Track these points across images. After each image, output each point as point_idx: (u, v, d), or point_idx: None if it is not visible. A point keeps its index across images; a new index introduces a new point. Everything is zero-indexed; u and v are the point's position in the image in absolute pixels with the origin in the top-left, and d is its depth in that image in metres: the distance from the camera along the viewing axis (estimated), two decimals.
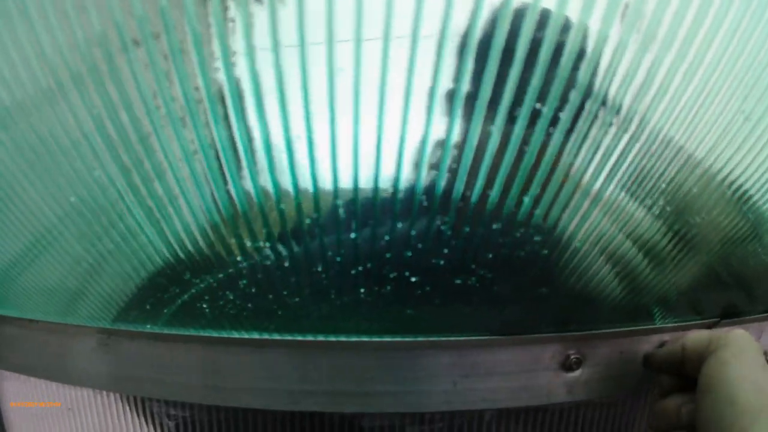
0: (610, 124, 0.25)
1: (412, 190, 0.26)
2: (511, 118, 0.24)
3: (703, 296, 0.34)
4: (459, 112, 0.24)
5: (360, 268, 0.28)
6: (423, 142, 0.24)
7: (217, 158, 0.25)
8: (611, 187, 0.27)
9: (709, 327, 0.34)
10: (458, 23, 0.22)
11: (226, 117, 0.24)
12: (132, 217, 0.27)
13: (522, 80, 0.23)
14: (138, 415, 0.36)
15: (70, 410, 0.38)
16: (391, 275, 0.28)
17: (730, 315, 0.34)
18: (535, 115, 0.24)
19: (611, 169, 0.27)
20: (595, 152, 0.26)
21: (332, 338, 0.31)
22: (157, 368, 0.32)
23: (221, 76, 0.23)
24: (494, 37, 0.22)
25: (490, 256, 0.28)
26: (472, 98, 0.23)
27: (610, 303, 0.31)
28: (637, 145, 0.26)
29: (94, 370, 0.34)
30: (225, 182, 0.26)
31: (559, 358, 0.31)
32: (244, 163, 0.25)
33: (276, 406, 0.32)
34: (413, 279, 0.28)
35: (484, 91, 0.23)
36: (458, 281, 0.29)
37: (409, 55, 0.22)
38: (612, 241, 0.29)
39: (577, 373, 0.31)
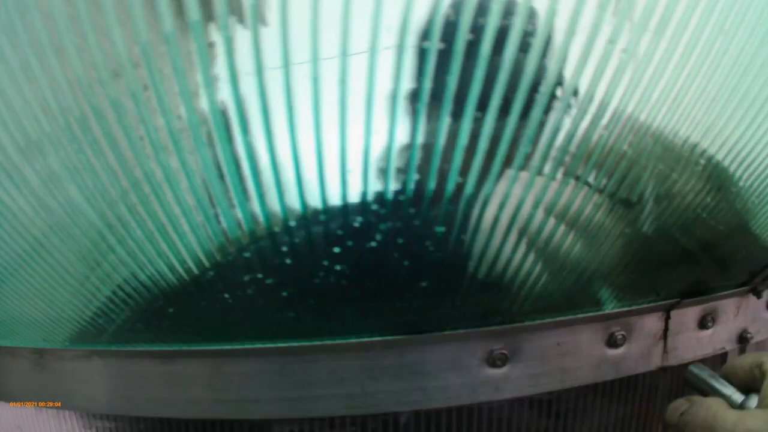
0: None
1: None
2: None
3: (662, 273, 0.29)
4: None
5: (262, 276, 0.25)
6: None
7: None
8: (539, 159, 0.23)
9: (667, 309, 0.29)
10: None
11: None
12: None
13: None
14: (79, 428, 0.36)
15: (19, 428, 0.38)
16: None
17: (695, 293, 0.29)
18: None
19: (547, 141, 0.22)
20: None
21: (238, 346, 0.28)
22: (78, 383, 0.31)
23: None
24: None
25: (401, 241, 0.25)
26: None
27: (539, 291, 0.26)
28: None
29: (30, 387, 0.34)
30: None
31: (482, 355, 0.27)
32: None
33: (186, 415, 0.30)
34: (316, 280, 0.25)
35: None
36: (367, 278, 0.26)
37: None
38: (535, 217, 0.24)
39: (504, 369, 0.27)
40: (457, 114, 0.21)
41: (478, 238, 0.24)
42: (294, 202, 0.23)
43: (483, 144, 0.22)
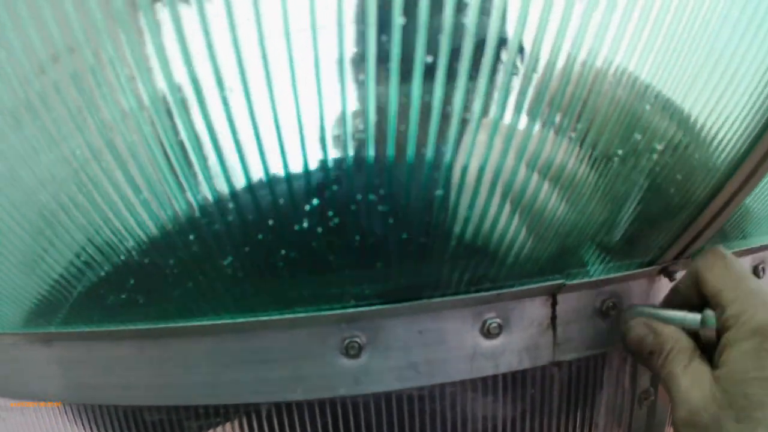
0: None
1: None
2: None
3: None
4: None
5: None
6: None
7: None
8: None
9: (552, 292, 0.25)
10: None
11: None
12: None
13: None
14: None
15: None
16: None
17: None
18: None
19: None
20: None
21: (95, 328, 0.27)
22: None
23: None
24: None
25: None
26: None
27: (400, 268, 0.24)
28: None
29: None
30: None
31: (335, 343, 0.25)
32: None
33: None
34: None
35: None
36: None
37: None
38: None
39: (361, 359, 0.25)
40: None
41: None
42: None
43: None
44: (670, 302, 0.27)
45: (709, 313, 0.24)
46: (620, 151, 0.23)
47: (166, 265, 0.25)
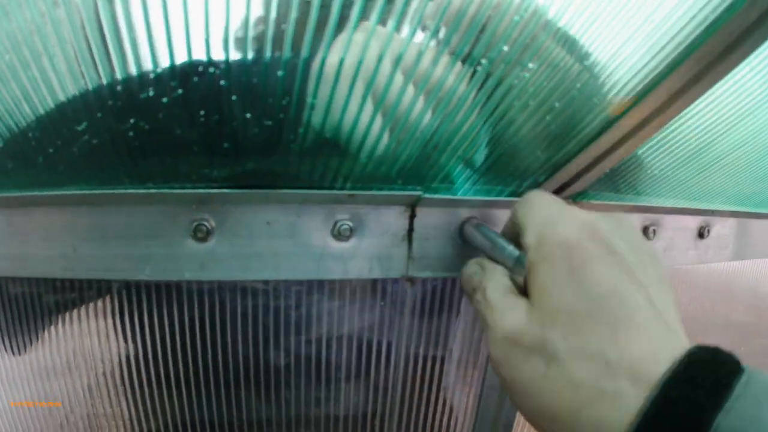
0: None
1: None
2: None
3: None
4: None
5: None
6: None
7: None
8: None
9: (411, 204, 0.25)
10: None
11: None
12: None
13: None
14: None
15: None
16: None
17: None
18: None
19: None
20: None
21: None
22: None
23: None
24: None
25: None
26: None
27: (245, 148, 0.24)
28: None
29: None
30: None
31: (186, 224, 0.25)
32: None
33: None
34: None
35: None
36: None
37: None
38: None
39: (208, 243, 0.25)
40: None
41: None
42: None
43: None
44: (506, 233, 0.26)
45: (522, 254, 0.23)
46: (484, 61, 0.23)
47: (29, 128, 0.25)
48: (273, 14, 0.20)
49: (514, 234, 0.24)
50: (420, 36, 0.22)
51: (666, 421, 0.16)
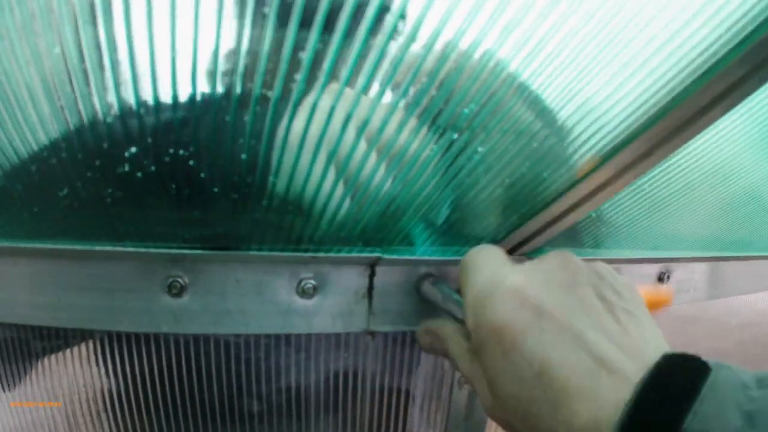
0: None
1: None
2: None
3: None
4: None
5: None
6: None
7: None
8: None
9: (371, 264, 0.26)
10: None
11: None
12: None
13: None
14: None
15: None
16: None
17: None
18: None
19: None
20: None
21: None
22: None
23: None
24: None
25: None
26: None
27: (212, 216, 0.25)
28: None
29: None
30: None
31: (160, 280, 0.26)
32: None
33: None
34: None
35: None
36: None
37: None
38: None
39: (183, 299, 0.27)
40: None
41: None
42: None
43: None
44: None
45: None
46: (452, 132, 0.24)
47: (14, 189, 0.27)
48: (237, 90, 0.22)
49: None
50: (388, 96, 0.23)
51: None
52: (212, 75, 0.21)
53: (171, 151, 0.23)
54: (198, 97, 0.22)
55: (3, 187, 0.27)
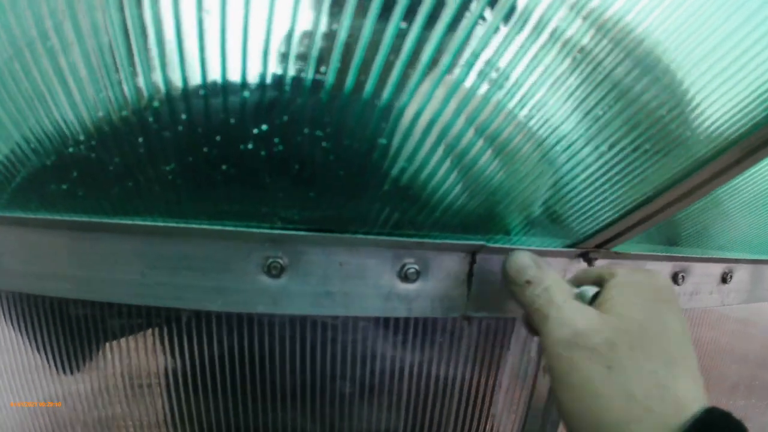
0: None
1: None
2: None
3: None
4: None
5: None
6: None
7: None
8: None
9: (472, 251, 0.27)
10: None
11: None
12: None
13: None
14: None
15: None
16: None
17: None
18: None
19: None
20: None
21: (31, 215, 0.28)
22: None
23: None
24: None
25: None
26: None
27: (313, 197, 0.25)
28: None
29: None
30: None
31: (258, 261, 0.26)
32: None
33: None
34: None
35: None
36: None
37: None
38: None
39: (281, 280, 0.26)
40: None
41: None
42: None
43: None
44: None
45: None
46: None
47: (110, 162, 0.26)
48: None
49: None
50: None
51: None
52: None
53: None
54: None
55: (97, 159, 0.26)
